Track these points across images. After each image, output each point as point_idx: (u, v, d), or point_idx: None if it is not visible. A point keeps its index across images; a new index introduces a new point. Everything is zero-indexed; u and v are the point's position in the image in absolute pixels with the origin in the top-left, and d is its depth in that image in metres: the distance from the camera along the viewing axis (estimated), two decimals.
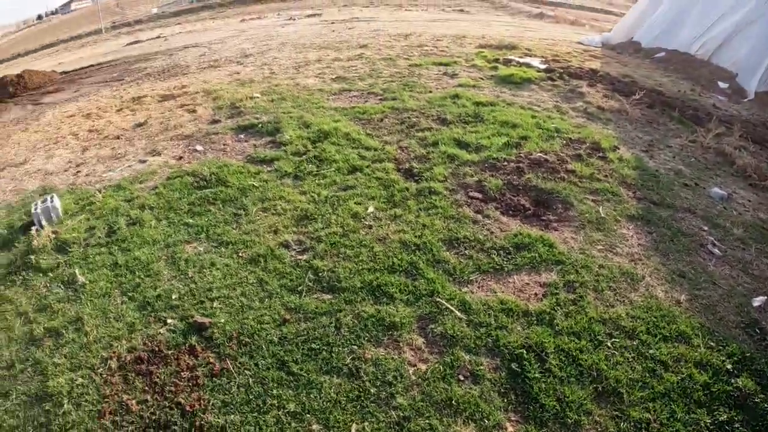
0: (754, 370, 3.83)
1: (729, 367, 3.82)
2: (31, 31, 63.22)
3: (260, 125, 7.98)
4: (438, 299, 4.22)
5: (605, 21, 25.62)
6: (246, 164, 6.74)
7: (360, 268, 4.63)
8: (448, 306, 4.15)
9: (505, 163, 6.28)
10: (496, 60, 11.41)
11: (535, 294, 4.35)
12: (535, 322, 4.06)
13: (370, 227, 5.21)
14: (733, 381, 3.70)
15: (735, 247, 5.49)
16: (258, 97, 9.51)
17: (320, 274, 4.62)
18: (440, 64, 11.10)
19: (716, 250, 5.36)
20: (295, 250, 5.02)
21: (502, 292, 4.35)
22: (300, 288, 4.48)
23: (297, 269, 4.71)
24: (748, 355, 3.96)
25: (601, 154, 6.87)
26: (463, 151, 6.60)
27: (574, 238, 5.10)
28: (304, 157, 6.73)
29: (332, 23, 21.40)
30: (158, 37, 26.06)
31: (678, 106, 9.66)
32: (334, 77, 10.63)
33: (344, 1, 35.17)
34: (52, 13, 75.35)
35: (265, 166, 6.67)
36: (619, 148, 7.24)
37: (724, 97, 12.01)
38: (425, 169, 6.18)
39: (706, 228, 5.73)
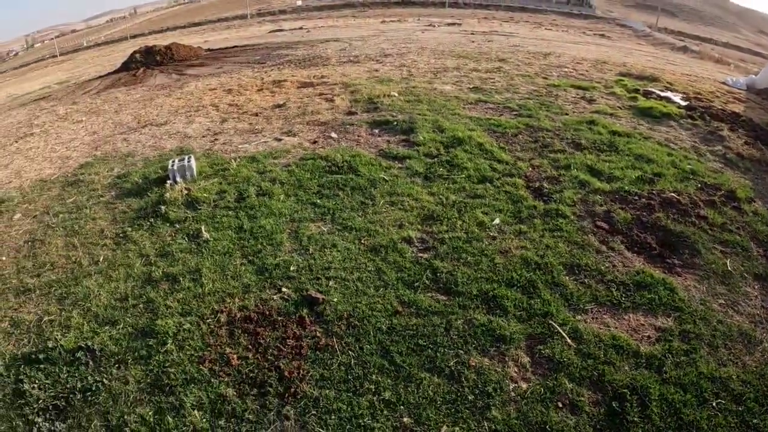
0: None
1: None
2: (181, 9, 67.56)
3: (395, 123, 8.18)
4: (551, 321, 4.18)
5: (752, 63, 24.02)
6: (378, 157, 6.95)
7: (478, 275, 4.68)
8: (560, 330, 4.11)
9: (636, 198, 6.07)
10: (636, 90, 11.01)
11: (648, 336, 4.21)
12: (644, 364, 3.92)
13: (494, 238, 5.25)
14: None
15: None
16: (395, 96, 9.73)
17: (438, 274, 4.72)
18: (578, 87, 10.85)
19: None
20: (417, 246, 5.15)
21: (616, 327, 4.25)
22: (416, 284, 4.59)
23: (416, 266, 4.84)
24: None
25: (735, 204, 6.52)
26: (594, 178, 6.44)
27: (696, 287, 4.90)
28: (435, 159, 6.86)
29: (471, 33, 21.37)
30: (300, 28, 27.06)
31: None
32: (471, 87, 10.68)
33: (484, 13, 34.98)
34: None
35: (396, 162, 6.85)
36: (755, 201, 6.84)
37: None
38: (555, 191, 6.11)
39: None
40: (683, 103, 10.54)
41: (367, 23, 28.80)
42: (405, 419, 3.46)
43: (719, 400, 3.77)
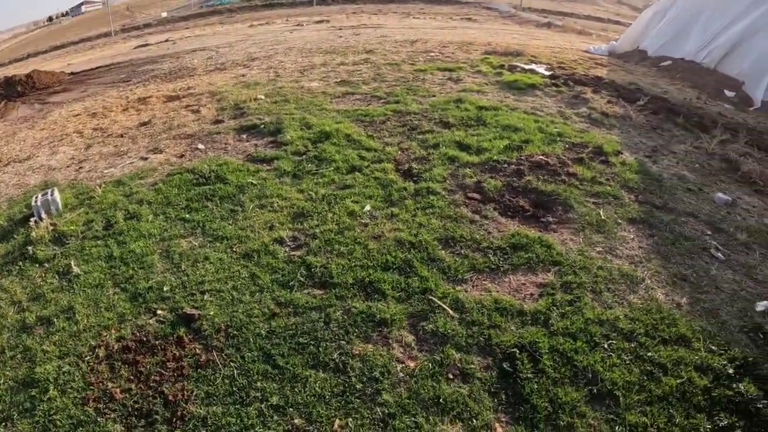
0: (756, 374, 3.68)
1: (731, 371, 3.67)
2: (42, 32, 63.58)
3: (262, 126, 7.92)
4: (431, 297, 4.10)
5: (613, 31, 25.42)
6: (246, 163, 6.68)
7: (353, 264, 4.53)
8: (441, 304, 4.03)
9: (506, 166, 6.15)
10: (501, 66, 11.31)
11: (531, 294, 4.22)
12: (530, 321, 3.93)
13: (366, 225, 5.11)
14: (734, 386, 3.55)
15: (739, 252, 5.34)
16: (262, 99, 9.45)
17: (313, 270, 4.53)
18: (445, 69, 11.00)
19: (719, 255, 5.21)
20: (289, 246, 4.93)
21: (497, 291, 4.22)
22: (292, 283, 4.40)
23: (290, 265, 4.62)
24: (750, 359, 3.81)
25: (603, 158, 6.74)
26: (463, 153, 6.49)
27: (573, 240, 4.96)
28: (303, 156, 6.66)
29: (340, 29, 21.38)
30: (167, 40, 26.10)
31: (683, 113, 9.51)
32: (338, 81, 10.56)
33: (353, 8, 35.18)
34: (63, 15, 75.66)
35: (264, 165, 6.60)
36: (622, 153, 7.11)
37: (730, 106, 11.84)
38: (424, 170, 6.07)
39: (709, 232, 5.59)
40: (547, 73, 10.91)
41: (235, 29, 28.15)
42: (296, 420, 3.29)
43: (610, 341, 3.86)
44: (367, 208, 5.35)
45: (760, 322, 4.32)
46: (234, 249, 4.91)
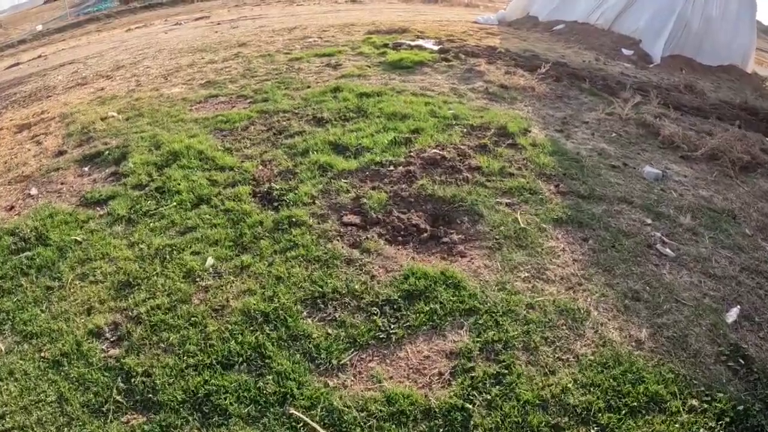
0: (750, 426, 2.60)
1: None
2: None
3: (107, 152, 6.12)
4: (292, 411, 2.57)
5: (501, 2, 24.61)
6: (77, 209, 4.89)
7: (184, 365, 2.92)
8: (307, 421, 2.51)
9: (392, 168, 4.67)
10: (385, 45, 9.86)
11: (440, 374, 2.76)
12: (442, 426, 2.50)
13: (207, 290, 3.49)
14: None
15: (687, 242, 4.21)
16: (113, 117, 7.61)
17: (133, 380, 2.89)
18: (324, 55, 9.44)
19: (668, 250, 4.03)
20: (107, 340, 3.26)
21: (390, 379, 2.74)
22: (106, 407, 2.77)
23: (105, 375, 2.96)
24: (740, 408, 2.68)
25: (510, 141, 5.43)
26: (339, 157, 4.96)
27: (488, 267, 3.58)
28: (144, 190, 4.96)
29: (218, 24, 19.38)
30: (39, 56, 23.22)
31: (586, 77, 8.41)
32: (203, 82, 8.81)
33: (235, 1, 32.87)
34: None
35: (98, 209, 4.84)
36: (530, 131, 5.84)
37: (630, 64, 10.96)
38: (289, 189, 4.49)
39: (649, 221, 4.40)
40: (436, 48, 9.59)
41: (111, 35, 25.31)
42: None
43: None
44: (209, 262, 3.74)
45: (736, 341, 3.18)
46: (43, 353, 3.19)
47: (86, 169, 6.03)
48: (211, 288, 3.50)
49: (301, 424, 2.50)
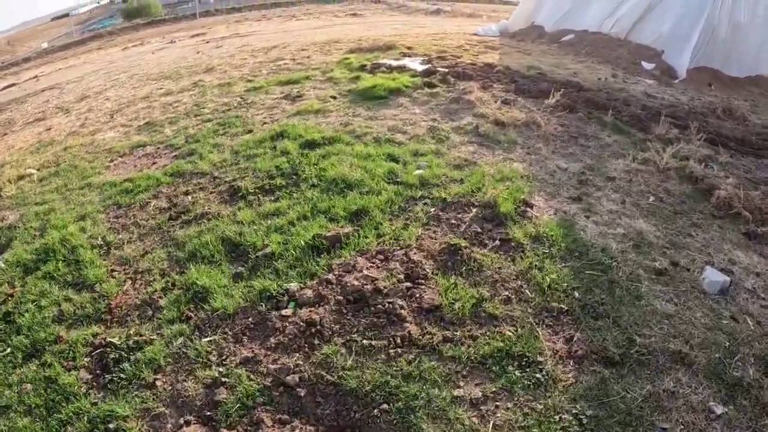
0: None
1: None
2: None
3: None
4: None
5: (504, 11, 22.62)
6: None
7: None
8: None
9: (289, 313, 2.64)
10: (362, 67, 7.95)
11: None
12: None
13: None
14: None
15: None
16: (31, 175, 5.82)
17: None
18: (287, 82, 7.57)
19: None
20: None
21: None
22: None
23: None
24: None
25: (499, 233, 3.48)
26: (223, 278, 3.02)
27: None
28: None
29: (207, 42, 17.72)
30: (35, 77, 21.76)
31: (607, 104, 6.39)
32: (142, 124, 7.00)
33: (236, 17, 31.13)
34: None
35: None
36: (531, 205, 3.87)
37: (652, 81, 8.88)
38: (135, 347, 2.57)
39: (719, 410, 2.42)
40: (421, 68, 7.66)
41: (106, 54, 23.87)
42: None
43: None
44: None
45: None
46: None
47: None
48: None
49: None
